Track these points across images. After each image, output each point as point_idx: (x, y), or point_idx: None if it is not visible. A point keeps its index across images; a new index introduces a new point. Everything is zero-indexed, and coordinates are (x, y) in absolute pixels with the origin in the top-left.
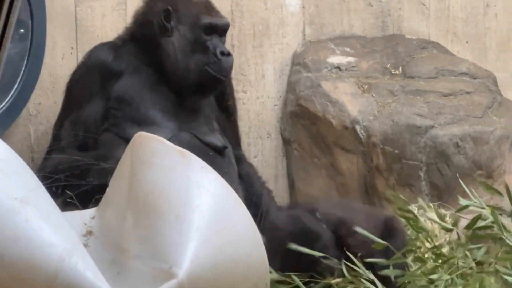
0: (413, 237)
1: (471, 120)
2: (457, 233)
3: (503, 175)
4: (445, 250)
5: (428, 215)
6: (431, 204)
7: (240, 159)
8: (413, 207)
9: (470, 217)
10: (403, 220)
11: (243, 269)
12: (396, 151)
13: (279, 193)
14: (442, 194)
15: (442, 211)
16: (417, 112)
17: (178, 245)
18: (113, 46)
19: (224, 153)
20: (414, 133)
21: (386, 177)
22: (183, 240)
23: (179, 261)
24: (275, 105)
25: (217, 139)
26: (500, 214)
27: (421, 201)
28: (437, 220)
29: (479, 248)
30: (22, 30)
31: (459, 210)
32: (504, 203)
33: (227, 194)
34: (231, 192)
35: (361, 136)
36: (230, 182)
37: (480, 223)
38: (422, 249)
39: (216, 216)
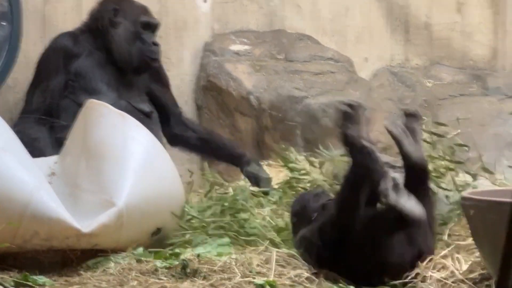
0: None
1: (335, 92)
2: (322, 172)
3: None
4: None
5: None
6: (304, 154)
7: (181, 113)
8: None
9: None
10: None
11: (166, 200)
12: (280, 115)
13: None
14: (312, 146)
15: (313, 158)
16: (295, 86)
17: (118, 182)
18: (73, 35)
19: (151, 117)
20: (293, 102)
21: (273, 134)
22: (122, 179)
23: (119, 194)
24: (191, 80)
25: (147, 107)
26: None
27: (293, 151)
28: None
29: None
30: (4, 23)
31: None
32: None
33: (154, 144)
34: (157, 143)
35: (254, 104)
36: (156, 136)
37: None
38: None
39: (146, 161)
